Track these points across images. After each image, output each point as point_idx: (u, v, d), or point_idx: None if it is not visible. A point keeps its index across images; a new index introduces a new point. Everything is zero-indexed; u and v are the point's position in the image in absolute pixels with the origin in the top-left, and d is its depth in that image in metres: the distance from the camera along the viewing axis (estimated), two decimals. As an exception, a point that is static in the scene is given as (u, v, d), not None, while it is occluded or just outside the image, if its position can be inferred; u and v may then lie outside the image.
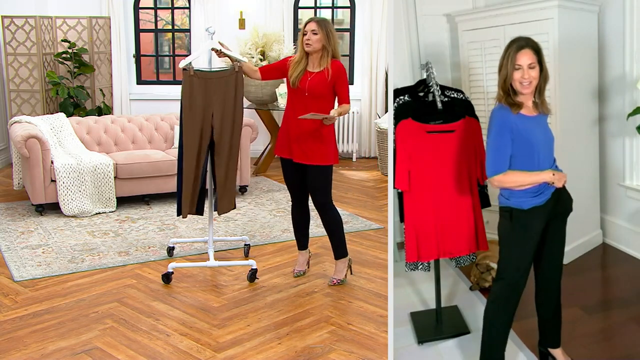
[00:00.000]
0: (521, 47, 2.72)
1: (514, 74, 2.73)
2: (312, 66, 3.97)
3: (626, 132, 3.70)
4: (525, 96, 2.77)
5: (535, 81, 2.73)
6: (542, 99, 2.78)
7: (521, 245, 2.84)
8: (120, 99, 7.82)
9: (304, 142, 3.96)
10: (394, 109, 3.14)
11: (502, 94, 2.80)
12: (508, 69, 2.74)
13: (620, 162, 3.77)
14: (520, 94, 2.76)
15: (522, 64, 2.71)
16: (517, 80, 2.73)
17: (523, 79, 2.71)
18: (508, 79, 2.75)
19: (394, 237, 2.96)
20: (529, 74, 2.71)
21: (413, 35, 4.11)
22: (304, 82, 3.94)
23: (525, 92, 2.75)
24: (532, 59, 2.71)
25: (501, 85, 2.79)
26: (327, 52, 3.93)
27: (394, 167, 3.01)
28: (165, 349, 3.32)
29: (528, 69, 2.70)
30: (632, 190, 3.72)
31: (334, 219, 4.11)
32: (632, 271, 3.69)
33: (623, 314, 3.36)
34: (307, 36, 3.90)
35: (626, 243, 3.80)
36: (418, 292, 3.70)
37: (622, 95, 3.68)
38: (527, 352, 3.11)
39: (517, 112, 2.79)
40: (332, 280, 4.17)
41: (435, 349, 3.23)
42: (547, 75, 2.77)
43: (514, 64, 2.72)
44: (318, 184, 4.01)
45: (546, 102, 2.79)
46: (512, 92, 2.78)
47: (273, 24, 7.80)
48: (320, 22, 3.93)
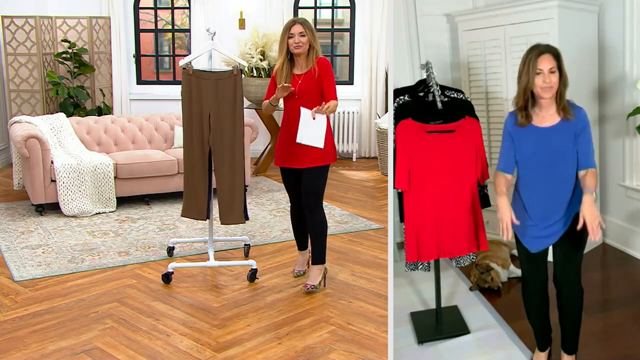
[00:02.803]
0: (541, 53, 2.74)
1: (536, 80, 2.74)
2: (300, 68, 3.95)
3: (626, 132, 3.70)
4: (546, 101, 2.78)
5: (555, 86, 2.74)
6: (564, 105, 2.78)
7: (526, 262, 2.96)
8: (120, 99, 7.82)
9: (306, 147, 3.87)
10: (394, 109, 3.14)
11: (522, 102, 2.81)
12: (529, 75, 2.75)
13: (620, 162, 3.77)
14: (541, 99, 2.77)
15: (543, 68, 2.72)
16: (539, 85, 2.74)
17: (544, 84, 2.72)
18: (529, 86, 2.76)
19: (394, 237, 2.96)
20: (550, 79, 2.72)
21: (413, 35, 4.11)
22: (294, 85, 3.92)
23: (546, 97, 2.76)
24: (552, 64, 2.72)
25: (522, 93, 2.80)
26: (314, 51, 3.93)
27: (394, 167, 3.01)
28: (165, 349, 3.32)
29: (549, 74, 2.72)
30: (632, 190, 3.72)
31: (320, 221, 4.03)
32: (632, 271, 3.69)
33: (623, 314, 3.36)
34: (294, 39, 3.87)
35: (626, 243, 3.80)
36: (418, 292, 3.70)
37: (622, 96, 3.68)
38: (527, 352, 3.11)
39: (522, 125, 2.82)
40: (306, 285, 4.06)
41: (435, 349, 3.23)
42: (566, 81, 2.77)
43: (536, 68, 2.73)
44: (313, 184, 3.98)
45: (568, 107, 2.78)
46: (532, 101, 2.80)
47: (273, 24, 7.81)
48: (304, 22, 3.92)
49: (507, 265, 3.80)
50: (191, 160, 4.12)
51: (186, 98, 4.06)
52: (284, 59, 3.94)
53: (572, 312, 2.92)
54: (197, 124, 4.07)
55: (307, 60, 3.94)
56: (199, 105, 4.06)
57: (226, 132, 4.08)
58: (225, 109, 4.07)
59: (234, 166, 4.10)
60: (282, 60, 3.94)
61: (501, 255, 3.82)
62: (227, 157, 4.09)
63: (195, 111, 4.06)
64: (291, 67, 3.97)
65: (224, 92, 4.06)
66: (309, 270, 4.19)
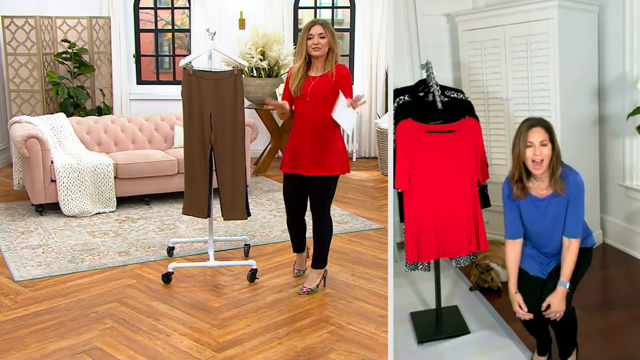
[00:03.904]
0: (532, 125, 2.78)
1: (527, 152, 2.77)
2: (315, 71, 3.83)
3: (626, 132, 3.70)
4: (539, 176, 2.82)
5: (547, 159, 2.77)
6: (556, 178, 2.80)
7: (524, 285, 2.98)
8: (120, 99, 7.82)
9: (314, 153, 3.82)
10: (394, 109, 3.14)
11: (517, 174, 2.85)
12: (520, 147, 2.79)
13: (620, 162, 3.77)
14: (534, 173, 2.80)
15: (534, 141, 2.75)
16: (530, 158, 2.77)
17: (535, 156, 2.75)
18: (521, 157, 2.80)
19: (394, 237, 2.96)
20: (541, 151, 2.75)
21: (413, 35, 4.11)
22: (307, 87, 3.81)
23: (537, 172, 2.79)
24: (544, 137, 2.75)
25: (515, 165, 2.85)
26: (333, 54, 3.80)
27: (394, 167, 3.01)
28: (165, 349, 3.32)
29: (540, 146, 2.75)
30: (632, 190, 3.72)
31: (326, 230, 4.01)
32: (632, 271, 3.69)
33: (623, 314, 3.36)
34: (313, 40, 3.74)
35: (626, 243, 3.80)
36: (418, 292, 3.69)
37: (622, 95, 3.68)
38: (527, 352, 3.11)
39: (518, 198, 2.87)
40: (303, 288, 4.05)
41: (435, 349, 3.22)
42: (559, 154, 2.80)
43: (526, 141, 2.77)
44: (323, 194, 3.91)
45: (560, 182, 2.80)
46: (526, 175, 2.84)
47: (273, 24, 7.81)
48: (325, 24, 3.79)
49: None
50: (192, 159, 4.13)
51: (186, 98, 4.07)
52: (303, 61, 3.82)
53: (565, 332, 2.96)
54: (198, 123, 4.08)
55: (325, 64, 3.82)
56: (200, 105, 4.06)
57: (227, 131, 4.08)
58: (225, 109, 4.07)
59: (236, 163, 4.12)
60: (300, 63, 3.82)
61: (501, 255, 3.81)
62: (229, 155, 4.11)
63: (196, 111, 4.07)
64: (307, 69, 3.85)
65: (225, 92, 4.07)
66: (308, 272, 4.19)
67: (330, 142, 3.85)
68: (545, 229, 2.90)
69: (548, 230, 2.91)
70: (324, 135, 3.83)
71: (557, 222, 2.87)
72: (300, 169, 3.89)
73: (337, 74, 3.79)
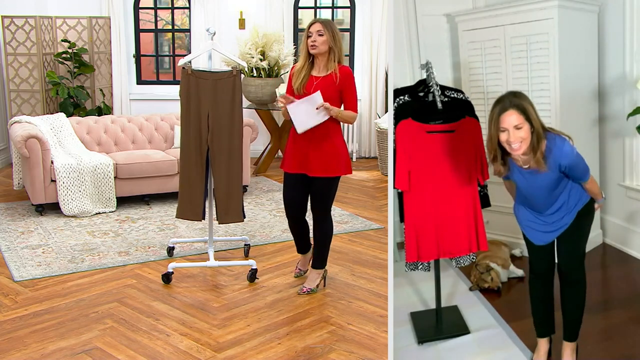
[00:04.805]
0: (504, 110, 2.59)
1: (500, 136, 2.61)
2: (318, 70, 3.80)
3: (626, 132, 3.70)
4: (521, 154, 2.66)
5: (526, 141, 2.59)
6: (537, 159, 2.62)
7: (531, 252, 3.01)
8: (120, 99, 7.82)
9: (316, 153, 3.80)
10: (394, 109, 3.14)
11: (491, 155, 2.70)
12: (492, 132, 2.62)
13: (620, 162, 3.77)
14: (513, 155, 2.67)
15: (507, 126, 2.58)
16: (504, 141, 2.61)
17: (510, 141, 2.60)
18: (494, 140, 2.64)
19: (394, 237, 2.96)
20: (516, 135, 2.57)
21: (413, 35, 4.11)
22: (309, 87, 3.77)
23: (515, 154, 2.65)
24: (518, 120, 2.56)
25: (489, 147, 2.69)
26: (334, 54, 3.75)
27: (394, 167, 3.01)
28: (165, 349, 3.32)
29: (514, 130, 2.57)
30: (632, 190, 3.72)
31: (327, 231, 3.99)
32: (632, 271, 3.69)
33: (623, 314, 3.37)
34: (312, 37, 3.71)
35: (626, 243, 3.80)
36: (418, 292, 3.70)
37: (622, 95, 3.68)
38: (527, 352, 3.11)
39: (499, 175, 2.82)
40: (302, 288, 4.04)
41: (435, 349, 3.23)
42: (539, 132, 2.59)
43: (498, 127, 2.60)
44: (324, 195, 3.89)
45: (542, 161, 2.62)
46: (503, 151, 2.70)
47: (273, 24, 7.81)
48: (325, 22, 3.75)
49: (507, 265, 3.80)
50: (188, 160, 4.11)
51: (184, 98, 4.06)
52: (305, 60, 3.80)
53: (574, 303, 2.95)
54: (196, 124, 4.07)
55: (327, 64, 3.77)
56: (198, 105, 4.06)
57: (224, 132, 4.07)
58: (223, 109, 4.07)
59: (231, 166, 4.10)
60: (302, 62, 3.81)
61: (501, 255, 3.82)
62: (225, 157, 4.09)
63: (194, 111, 4.07)
64: (310, 68, 3.82)
65: (223, 92, 4.06)
66: (308, 272, 4.19)
67: (332, 142, 3.82)
68: (539, 193, 2.83)
69: (542, 195, 2.83)
70: (325, 135, 3.80)
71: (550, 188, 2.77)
72: (303, 169, 3.86)
73: (341, 76, 3.74)
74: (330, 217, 4.02)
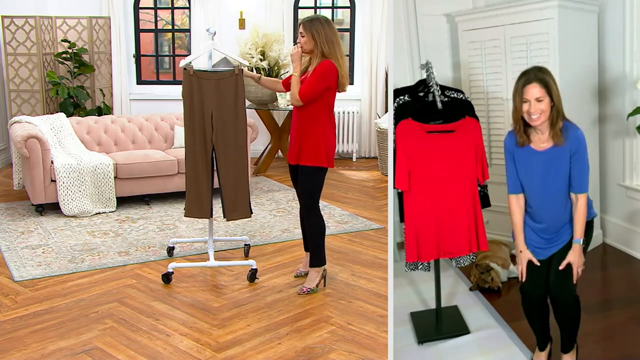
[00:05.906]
0: (528, 82, 2.73)
1: (523, 107, 2.75)
2: (312, 66, 3.91)
3: (626, 132, 3.70)
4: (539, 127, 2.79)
5: (545, 114, 2.73)
6: (555, 131, 2.77)
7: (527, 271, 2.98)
8: (120, 99, 7.82)
9: (297, 142, 3.93)
10: (394, 109, 3.14)
11: (514, 123, 2.84)
12: (517, 102, 2.77)
13: (620, 162, 3.77)
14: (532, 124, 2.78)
15: (529, 98, 2.72)
16: (525, 112, 2.75)
17: (530, 112, 2.73)
18: (518, 111, 2.78)
19: (394, 237, 2.96)
20: (536, 107, 2.72)
21: (413, 35, 4.11)
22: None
23: (534, 124, 2.77)
24: (540, 93, 2.71)
25: (514, 117, 2.82)
26: (317, 51, 3.82)
27: (394, 167, 3.01)
28: (165, 349, 3.32)
29: (536, 102, 2.72)
30: (632, 190, 3.72)
31: (316, 226, 4.01)
32: (632, 271, 3.69)
33: (623, 314, 3.36)
34: (299, 39, 3.88)
35: (626, 243, 3.81)
36: (418, 292, 3.70)
37: (622, 95, 3.69)
38: (527, 352, 3.11)
39: (522, 145, 2.85)
40: (302, 288, 4.05)
41: (435, 349, 3.23)
42: (559, 107, 2.76)
43: (522, 97, 2.74)
44: (304, 185, 3.96)
45: (560, 134, 2.77)
46: (525, 123, 2.81)
47: (273, 24, 7.81)
48: (306, 23, 3.83)
49: (507, 265, 3.80)
50: (194, 159, 4.12)
51: (187, 99, 4.07)
52: (307, 59, 3.94)
53: (568, 320, 2.94)
54: (199, 124, 4.08)
55: (313, 61, 3.87)
56: (201, 106, 4.06)
57: (229, 130, 4.09)
58: (227, 109, 4.08)
59: (238, 163, 4.14)
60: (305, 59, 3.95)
61: (501, 255, 3.82)
62: (231, 155, 4.11)
63: (197, 111, 4.07)
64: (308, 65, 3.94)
65: (226, 91, 4.07)
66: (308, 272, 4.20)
67: (315, 132, 3.88)
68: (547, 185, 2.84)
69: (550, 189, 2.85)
70: (309, 125, 3.88)
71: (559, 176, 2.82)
72: (291, 159, 4.03)
73: (316, 67, 3.83)
74: (318, 214, 4.03)
